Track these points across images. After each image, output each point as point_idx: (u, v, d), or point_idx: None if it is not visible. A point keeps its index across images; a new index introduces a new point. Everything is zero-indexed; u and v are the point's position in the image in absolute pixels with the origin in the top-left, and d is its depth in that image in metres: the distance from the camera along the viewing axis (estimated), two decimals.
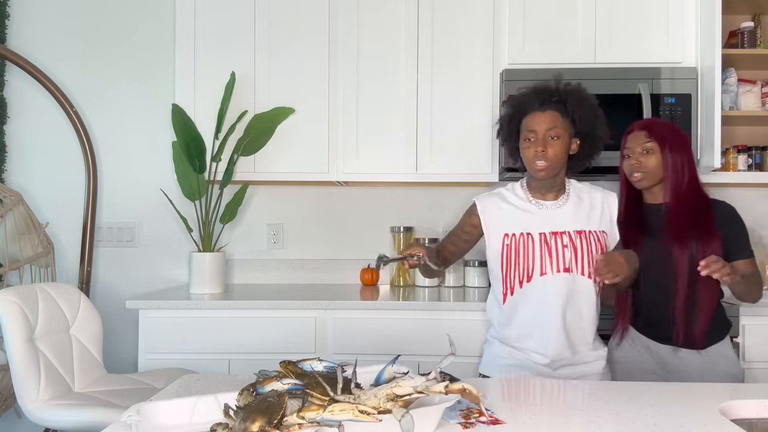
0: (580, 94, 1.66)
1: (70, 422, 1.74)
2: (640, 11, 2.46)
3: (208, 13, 2.55)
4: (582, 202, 1.69)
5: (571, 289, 1.62)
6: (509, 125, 1.71)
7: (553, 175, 1.64)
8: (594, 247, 1.63)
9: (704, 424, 1.07)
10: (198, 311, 2.24)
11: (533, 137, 1.61)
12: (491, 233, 1.68)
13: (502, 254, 1.65)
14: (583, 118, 1.64)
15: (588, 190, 1.73)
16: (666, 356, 1.71)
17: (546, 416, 1.12)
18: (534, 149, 1.60)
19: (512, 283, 1.64)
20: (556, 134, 1.60)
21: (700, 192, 1.70)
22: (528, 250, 1.62)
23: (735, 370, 1.69)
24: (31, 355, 1.81)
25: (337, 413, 0.91)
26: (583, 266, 1.61)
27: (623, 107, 2.37)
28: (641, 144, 1.68)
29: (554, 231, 1.63)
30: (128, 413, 0.99)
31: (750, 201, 2.75)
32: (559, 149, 1.61)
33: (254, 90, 2.54)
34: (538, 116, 1.62)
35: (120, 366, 2.71)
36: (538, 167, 1.61)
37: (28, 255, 2.51)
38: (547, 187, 1.68)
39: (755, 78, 2.57)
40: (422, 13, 2.51)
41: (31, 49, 2.81)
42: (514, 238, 1.63)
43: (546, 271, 1.61)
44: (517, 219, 1.66)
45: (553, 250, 1.61)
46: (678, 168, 1.66)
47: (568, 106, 1.63)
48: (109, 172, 2.85)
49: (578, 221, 1.65)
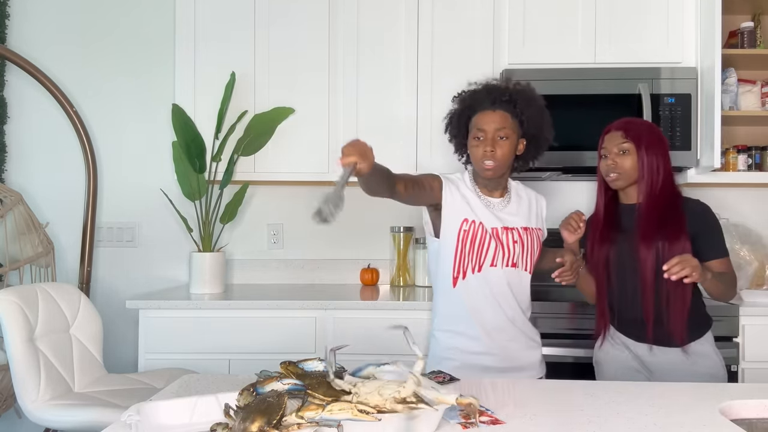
0: (530, 95, 1.69)
1: (70, 422, 1.74)
2: (640, 11, 2.46)
3: (208, 13, 2.55)
4: (522, 200, 1.76)
5: (516, 283, 1.69)
6: (459, 122, 1.73)
7: (500, 175, 1.68)
8: (536, 243, 1.70)
9: (704, 424, 1.07)
10: (198, 311, 2.24)
11: (482, 136, 1.64)
12: (449, 214, 1.68)
13: (458, 238, 1.66)
14: (531, 119, 1.67)
15: (524, 188, 1.79)
16: (644, 355, 1.71)
17: (546, 416, 1.12)
18: (483, 148, 1.63)
19: (465, 268, 1.66)
20: (505, 134, 1.63)
21: (674, 192, 1.70)
22: (483, 240, 1.65)
23: (715, 368, 1.67)
24: (31, 355, 1.81)
25: (336, 413, 0.91)
26: (526, 262, 1.69)
27: (623, 107, 2.37)
28: (617, 144, 1.68)
29: (506, 227, 1.68)
30: (128, 413, 0.99)
31: (750, 201, 2.75)
32: (507, 149, 1.64)
33: (254, 90, 2.54)
34: (489, 115, 1.64)
35: (120, 366, 2.71)
36: (486, 167, 1.64)
37: (28, 255, 2.51)
38: (494, 185, 1.72)
39: (755, 78, 2.57)
40: (422, 14, 2.51)
41: (30, 49, 2.81)
42: (473, 225, 1.66)
43: (496, 263, 1.66)
44: (474, 209, 1.68)
45: (505, 245, 1.66)
46: (653, 169, 1.66)
47: (518, 106, 1.65)
48: (109, 172, 2.85)
49: (523, 218, 1.71)
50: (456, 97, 1.76)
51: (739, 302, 2.18)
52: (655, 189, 1.66)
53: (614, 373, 1.76)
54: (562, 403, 1.20)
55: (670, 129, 2.38)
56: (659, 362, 1.69)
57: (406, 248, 2.73)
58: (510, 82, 1.70)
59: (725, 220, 2.63)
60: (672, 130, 2.38)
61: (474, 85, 1.73)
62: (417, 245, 2.69)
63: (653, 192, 1.66)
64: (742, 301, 2.19)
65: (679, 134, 2.38)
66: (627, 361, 1.75)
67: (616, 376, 1.75)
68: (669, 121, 2.37)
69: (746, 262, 2.42)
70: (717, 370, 1.68)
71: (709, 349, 1.69)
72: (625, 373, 1.74)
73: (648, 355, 1.71)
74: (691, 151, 2.37)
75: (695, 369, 1.66)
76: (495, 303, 1.67)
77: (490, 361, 1.68)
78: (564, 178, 2.67)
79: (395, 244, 2.74)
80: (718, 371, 1.68)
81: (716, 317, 2.11)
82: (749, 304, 2.15)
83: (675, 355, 1.68)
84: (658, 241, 1.63)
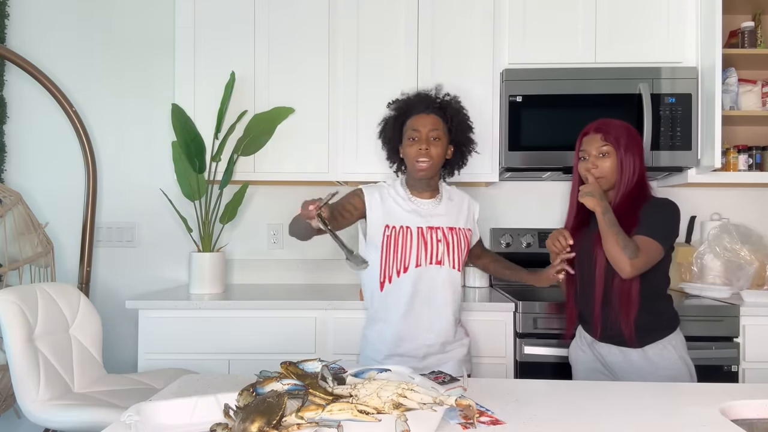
0: (457, 107, 1.86)
1: (70, 422, 1.74)
2: (641, 11, 2.45)
3: (207, 13, 2.54)
4: (452, 203, 1.87)
5: (443, 280, 1.78)
6: (393, 126, 1.85)
7: (432, 176, 1.80)
8: (462, 242, 1.81)
9: (704, 424, 1.07)
10: (198, 311, 2.24)
11: (417, 136, 1.76)
12: (373, 222, 1.79)
13: (382, 244, 1.77)
14: (459, 127, 1.84)
15: (458, 192, 1.92)
16: (607, 355, 1.72)
17: (546, 416, 1.11)
18: (417, 147, 1.75)
19: (390, 272, 1.77)
20: (437, 136, 1.77)
21: (643, 192, 1.70)
22: (406, 242, 1.76)
23: (677, 372, 1.64)
24: (30, 355, 1.80)
25: (336, 413, 0.91)
26: (453, 259, 1.79)
27: (623, 107, 2.37)
28: (597, 147, 1.69)
29: (430, 226, 1.78)
30: (128, 413, 0.99)
31: (750, 201, 2.75)
32: (440, 150, 1.78)
33: (254, 90, 2.54)
34: (423, 118, 1.78)
35: (120, 366, 2.71)
36: (420, 165, 1.75)
37: (27, 255, 2.51)
38: (424, 186, 1.83)
39: (755, 78, 2.57)
40: (422, 14, 2.51)
41: (30, 49, 2.81)
42: (395, 230, 1.77)
43: (421, 262, 1.76)
44: (397, 213, 1.79)
45: (429, 244, 1.76)
46: (630, 170, 1.67)
47: (448, 113, 1.82)
48: (108, 171, 2.84)
49: (450, 219, 1.82)
50: (390, 104, 1.91)
51: (740, 302, 2.18)
52: (628, 189, 1.68)
53: (583, 373, 1.78)
54: (562, 403, 1.20)
55: (671, 129, 2.37)
56: (619, 363, 1.69)
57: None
58: (440, 92, 1.87)
59: (726, 220, 2.63)
60: (672, 130, 2.38)
61: (405, 95, 1.89)
62: None
63: (626, 192, 1.68)
64: (742, 301, 2.18)
65: (680, 134, 2.37)
66: (590, 362, 1.77)
67: (586, 375, 1.77)
68: (669, 121, 2.37)
69: (746, 262, 2.42)
70: (680, 375, 1.64)
71: (672, 352, 1.65)
72: (589, 374, 1.76)
73: (609, 355, 1.71)
74: (691, 151, 2.37)
75: (658, 373, 1.64)
76: (422, 301, 1.76)
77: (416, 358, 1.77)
78: (564, 178, 2.67)
79: None
80: (681, 377, 1.64)
81: (716, 317, 2.13)
82: (749, 304, 2.15)
83: (636, 356, 1.67)
84: None
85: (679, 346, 1.68)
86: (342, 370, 1.10)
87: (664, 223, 1.65)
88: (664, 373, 1.64)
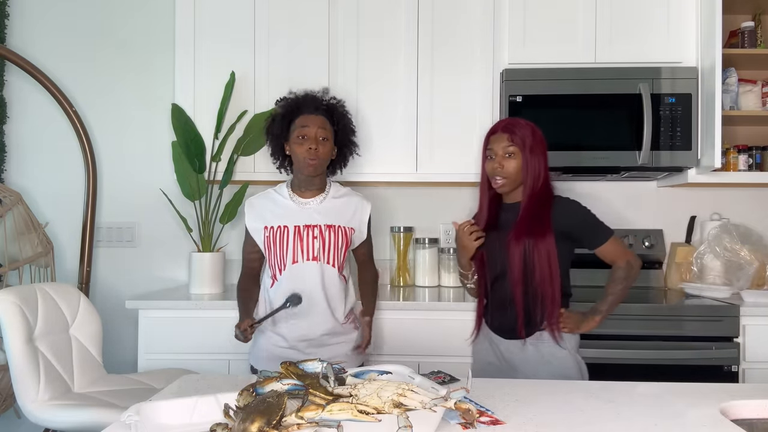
0: (342, 110, 1.94)
1: (70, 422, 1.74)
2: (641, 11, 2.45)
3: (207, 12, 2.54)
4: (337, 201, 1.91)
5: (321, 276, 1.82)
6: (281, 123, 1.89)
7: (318, 174, 1.86)
8: (340, 240, 1.85)
9: (704, 424, 1.07)
10: (198, 311, 2.24)
11: (306, 135, 1.81)
12: (253, 229, 1.89)
13: (264, 245, 1.86)
14: (343, 129, 1.92)
15: (346, 192, 1.96)
16: (503, 347, 1.75)
17: (546, 416, 1.11)
18: (307, 146, 1.80)
19: (274, 271, 1.84)
20: (324, 135, 1.83)
21: (549, 192, 1.72)
22: (283, 241, 1.82)
23: (568, 371, 1.68)
24: (30, 355, 1.80)
25: (336, 413, 0.91)
26: (328, 256, 1.83)
27: (623, 107, 2.37)
28: (503, 147, 1.71)
29: (307, 224, 1.83)
30: (128, 413, 0.99)
31: (750, 201, 2.75)
32: (327, 149, 1.85)
33: (254, 90, 2.54)
34: (312, 118, 1.84)
35: (120, 366, 2.71)
36: (309, 163, 1.80)
37: (27, 255, 2.51)
38: (308, 184, 1.88)
39: (756, 78, 2.57)
40: (422, 14, 2.51)
41: (30, 49, 2.81)
42: (272, 230, 1.84)
43: (297, 259, 1.82)
44: (276, 214, 1.86)
45: (305, 241, 1.82)
46: (536, 171, 1.70)
47: (334, 116, 1.89)
48: (108, 171, 2.84)
49: (330, 217, 1.86)
50: (279, 101, 1.96)
51: (740, 302, 2.18)
52: (535, 190, 1.70)
53: (478, 365, 1.82)
54: (562, 404, 1.20)
55: (671, 129, 2.37)
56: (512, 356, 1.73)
57: (406, 248, 2.73)
58: (326, 94, 1.94)
59: (726, 220, 2.63)
60: (672, 130, 2.38)
61: (292, 94, 1.94)
62: (417, 245, 2.69)
63: (534, 192, 1.70)
64: (742, 301, 2.18)
65: (680, 134, 2.37)
66: (486, 355, 1.80)
67: (478, 369, 1.80)
68: (669, 120, 2.37)
69: (746, 262, 2.42)
70: (572, 373, 1.69)
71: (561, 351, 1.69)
72: (482, 368, 1.80)
73: (506, 352, 1.74)
74: (691, 151, 2.37)
75: (548, 369, 1.68)
76: (304, 296, 1.80)
77: (297, 354, 1.83)
78: (564, 178, 2.67)
79: (395, 244, 2.74)
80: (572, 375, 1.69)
81: (716, 317, 2.13)
82: (749, 304, 2.15)
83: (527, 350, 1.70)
84: (526, 239, 1.66)
85: (573, 342, 1.73)
86: (342, 371, 1.10)
87: (594, 219, 1.72)
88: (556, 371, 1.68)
